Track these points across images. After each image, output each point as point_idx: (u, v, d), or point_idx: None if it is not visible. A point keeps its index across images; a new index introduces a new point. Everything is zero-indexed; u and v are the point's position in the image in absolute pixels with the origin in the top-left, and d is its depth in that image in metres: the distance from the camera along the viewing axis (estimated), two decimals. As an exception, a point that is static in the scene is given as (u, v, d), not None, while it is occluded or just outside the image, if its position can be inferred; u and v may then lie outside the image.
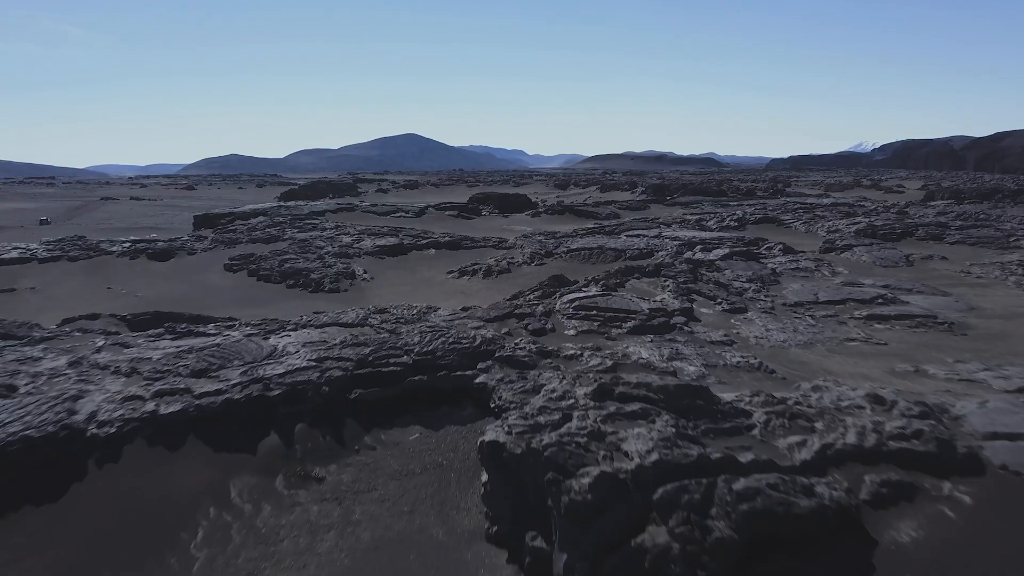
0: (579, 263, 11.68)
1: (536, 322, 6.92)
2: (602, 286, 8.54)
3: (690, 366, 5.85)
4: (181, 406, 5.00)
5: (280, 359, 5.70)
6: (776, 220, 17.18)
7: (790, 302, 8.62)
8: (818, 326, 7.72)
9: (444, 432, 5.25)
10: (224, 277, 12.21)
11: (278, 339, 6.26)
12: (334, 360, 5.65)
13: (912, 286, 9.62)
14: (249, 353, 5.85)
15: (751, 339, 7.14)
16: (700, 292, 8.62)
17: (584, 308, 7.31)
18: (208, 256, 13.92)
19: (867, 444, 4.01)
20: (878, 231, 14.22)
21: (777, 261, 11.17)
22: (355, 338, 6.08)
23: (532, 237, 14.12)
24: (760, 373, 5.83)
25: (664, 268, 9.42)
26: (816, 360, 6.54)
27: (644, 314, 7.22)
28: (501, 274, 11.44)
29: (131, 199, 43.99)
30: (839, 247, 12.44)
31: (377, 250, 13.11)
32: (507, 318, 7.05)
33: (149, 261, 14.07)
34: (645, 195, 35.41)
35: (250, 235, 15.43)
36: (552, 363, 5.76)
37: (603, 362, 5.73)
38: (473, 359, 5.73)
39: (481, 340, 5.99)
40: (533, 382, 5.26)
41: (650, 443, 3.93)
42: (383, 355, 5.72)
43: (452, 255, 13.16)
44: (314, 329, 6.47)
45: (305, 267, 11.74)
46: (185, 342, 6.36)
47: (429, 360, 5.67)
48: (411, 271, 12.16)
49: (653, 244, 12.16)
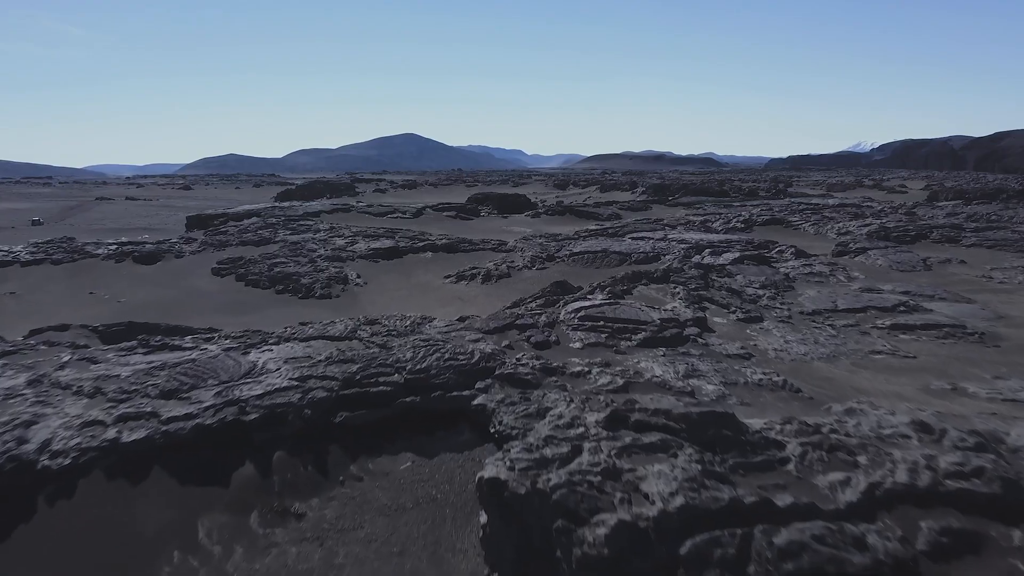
0: (582, 267, 11.17)
1: (539, 334, 6.42)
2: (608, 293, 8.04)
3: (708, 385, 5.35)
4: (146, 433, 4.49)
5: (259, 378, 5.19)
6: (784, 222, 16.68)
7: (808, 310, 8.12)
8: (840, 337, 7.22)
9: (439, 460, 4.74)
10: (211, 282, 11.70)
11: (259, 354, 5.75)
12: (318, 379, 5.14)
13: (933, 292, 9.13)
14: (226, 371, 5.34)
15: (770, 352, 6.64)
16: (712, 300, 8.12)
17: (591, 318, 6.81)
18: (196, 259, 13.40)
19: (921, 483, 3.52)
20: (891, 233, 13.73)
21: (790, 265, 10.67)
22: (342, 354, 5.57)
23: (533, 240, 13.62)
24: (785, 392, 5.33)
25: (673, 274, 8.92)
26: (843, 376, 6.04)
27: (655, 325, 6.72)
28: (501, 279, 10.94)
29: (126, 199, 43.46)
30: (852, 250, 11.94)
31: (371, 253, 12.61)
32: (508, 329, 6.55)
33: (135, 264, 13.56)
34: (646, 195, 34.93)
35: (241, 237, 14.92)
36: (558, 381, 5.26)
37: (613, 380, 5.23)
38: (471, 377, 5.23)
39: (480, 356, 5.48)
40: (537, 404, 4.76)
41: (673, 483, 3.43)
42: (372, 373, 5.21)
43: (449, 258, 12.65)
44: (298, 343, 5.96)
45: (295, 271, 11.23)
46: (158, 357, 5.85)
47: (423, 379, 5.16)
48: (406, 275, 11.66)
49: (659, 247, 11.66)
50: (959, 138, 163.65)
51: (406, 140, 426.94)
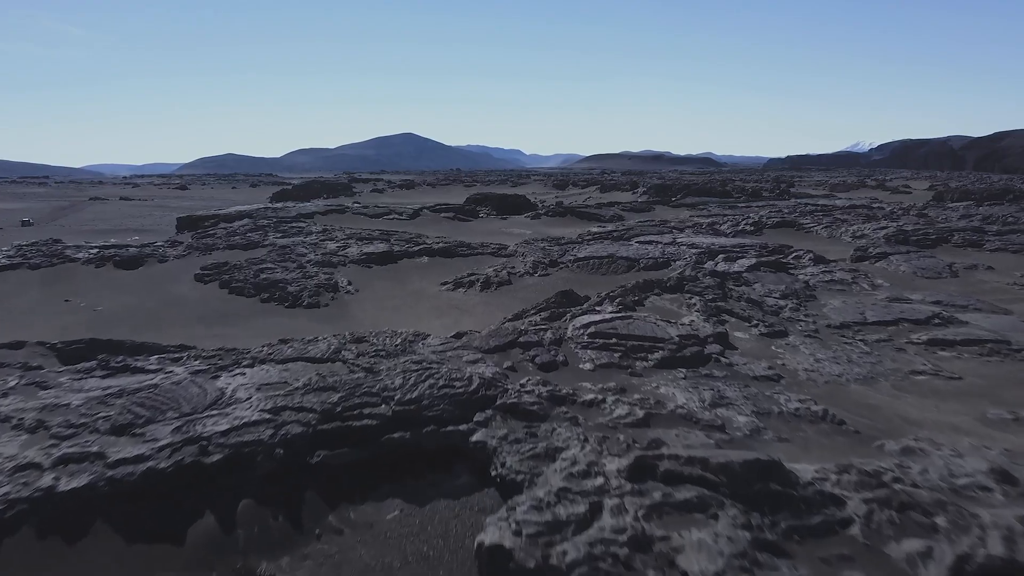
0: (587, 274, 10.52)
1: (545, 354, 5.77)
2: (619, 305, 7.39)
3: (739, 416, 4.71)
4: (89, 479, 3.83)
5: (226, 409, 4.53)
6: (795, 224, 16.03)
7: (835, 323, 7.48)
8: (874, 354, 6.58)
9: (431, 509, 4.09)
10: (193, 289, 11.02)
11: (229, 379, 5.10)
12: (293, 411, 4.49)
13: (966, 302, 8.49)
14: (189, 400, 4.68)
15: (800, 372, 6.00)
16: (732, 312, 7.48)
17: (602, 335, 6.16)
18: (180, 264, 12.73)
19: (1022, 557, 2.88)
20: (910, 237, 13.10)
21: (808, 272, 10.03)
22: (322, 379, 4.91)
23: (534, 243, 12.96)
24: (827, 425, 4.69)
25: (688, 282, 8.27)
26: (886, 402, 5.40)
27: (673, 342, 6.07)
28: (501, 286, 10.28)
29: (120, 199, 42.74)
30: (873, 255, 11.30)
31: (364, 258, 11.94)
32: (510, 348, 5.90)
33: (115, 270, 12.87)
34: (647, 196, 34.28)
35: (228, 240, 14.24)
36: (568, 413, 4.61)
37: (632, 412, 4.59)
38: (469, 408, 4.58)
39: (479, 382, 4.83)
40: (546, 442, 4.11)
41: (719, 559, 2.78)
42: (356, 404, 4.56)
43: (446, 263, 11.99)
44: (274, 366, 5.30)
45: (282, 278, 10.56)
46: (117, 381, 5.20)
47: (413, 411, 4.51)
48: (401, 282, 10.99)
49: (669, 252, 11.00)
50: (957, 138, 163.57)
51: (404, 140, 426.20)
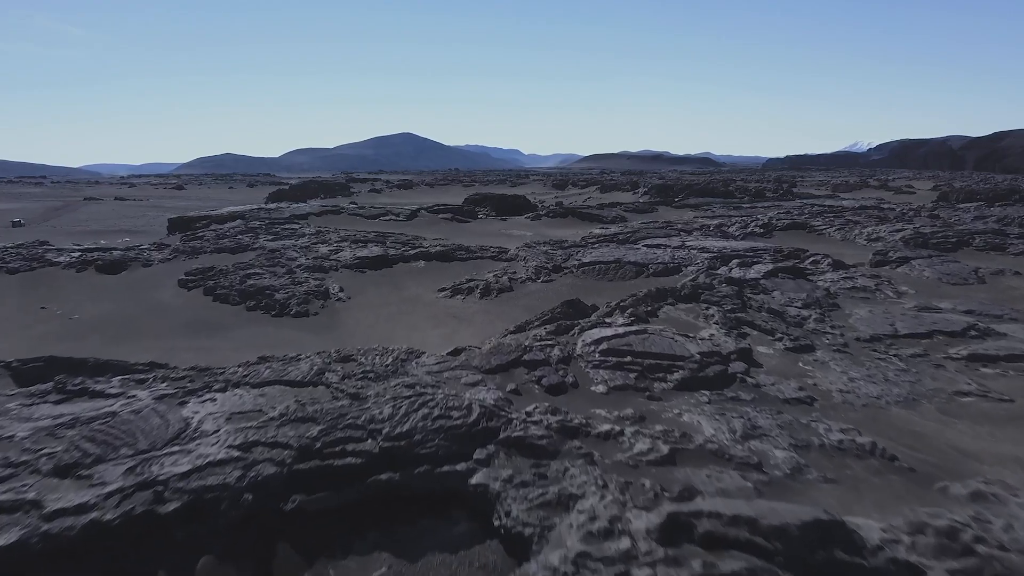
0: (594, 280, 9.95)
1: (552, 374, 5.19)
2: (630, 316, 6.81)
3: (776, 450, 4.13)
4: (19, 535, 3.24)
5: (189, 444, 3.95)
6: (806, 226, 15.46)
7: (864, 336, 6.91)
8: (911, 371, 6.01)
9: (425, 565, 3.51)
10: (176, 295, 10.44)
11: (197, 406, 4.51)
12: (267, 447, 3.91)
13: (1000, 311, 7.93)
14: (148, 433, 4.10)
15: (835, 394, 5.42)
16: (753, 324, 6.90)
17: (615, 352, 5.58)
18: (164, 269, 12.15)
19: None
20: (929, 240, 12.54)
21: (828, 279, 9.45)
22: (301, 408, 4.33)
23: (536, 247, 12.38)
24: (876, 461, 4.11)
25: (704, 291, 7.70)
26: (934, 430, 4.83)
27: (694, 361, 5.49)
28: (501, 293, 9.71)
29: (115, 199, 42.12)
30: (893, 260, 10.74)
31: (357, 262, 11.36)
32: (513, 367, 5.32)
33: (97, 274, 12.29)
34: (649, 196, 33.74)
35: (216, 243, 13.65)
36: (581, 448, 4.03)
37: (655, 447, 4.01)
38: (468, 443, 4.00)
39: (480, 412, 4.25)
40: (557, 487, 3.54)
41: (784, 662, 2.21)
42: (339, 439, 3.98)
43: (444, 268, 11.42)
44: (249, 390, 4.72)
45: (270, 284, 9.98)
46: (72, 408, 4.61)
47: (404, 447, 3.93)
48: (396, 288, 10.41)
49: (679, 257, 10.43)
50: (956, 138, 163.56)
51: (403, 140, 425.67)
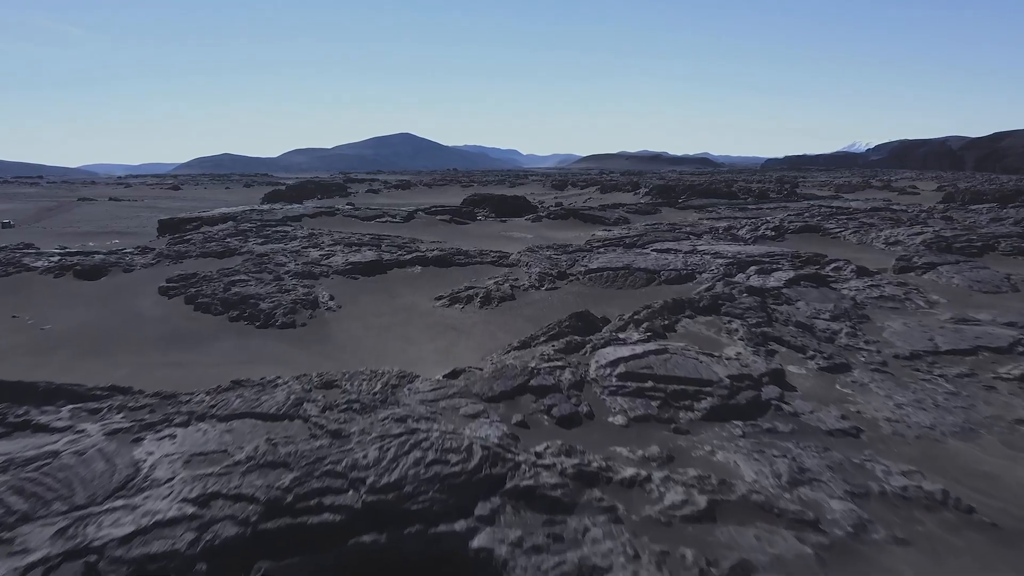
0: (602, 288, 9.32)
1: (564, 402, 4.56)
2: (646, 331, 6.18)
3: (832, 499, 3.51)
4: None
5: (136, 497, 3.31)
6: (820, 229, 14.84)
7: (903, 353, 6.29)
8: (961, 395, 5.39)
9: (415, 653, 2.89)
10: (156, 303, 9.79)
11: (153, 444, 3.87)
12: (228, 500, 3.27)
13: (1044, 323, 7.31)
14: (89, 482, 3.46)
15: (882, 423, 4.80)
16: (781, 339, 6.28)
17: (634, 376, 4.95)
18: (146, 275, 11.49)
19: None
20: (952, 244, 11.94)
21: (853, 287, 8.83)
22: (273, 449, 3.69)
23: (539, 251, 11.74)
24: (951, 514, 3.49)
25: (724, 302, 7.07)
26: (1004, 469, 4.20)
27: (723, 386, 4.87)
28: (503, 302, 9.08)
29: (109, 200, 41.47)
30: (918, 265, 10.12)
31: (349, 268, 10.72)
32: (519, 394, 4.69)
33: (75, 280, 11.63)
34: (650, 197, 33.12)
35: (203, 247, 13.00)
36: (603, 500, 3.40)
37: (690, 498, 3.38)
38: (468, 495, 3.36)
39: (482, 455, 3.61)
40: (577, 554, 2.91)
41: None
42: (314, 489, 3.34)
43: (442, 274, 10.78)
44: (215, 425, 4.08)
45: (255, 292, 9.33)
46: (8, 447, 3.96)
47: (392, 500, 3.29)
48: (390, 296, 9.77)
49: (692, 263, 9.80)
50: (956, 138, 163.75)
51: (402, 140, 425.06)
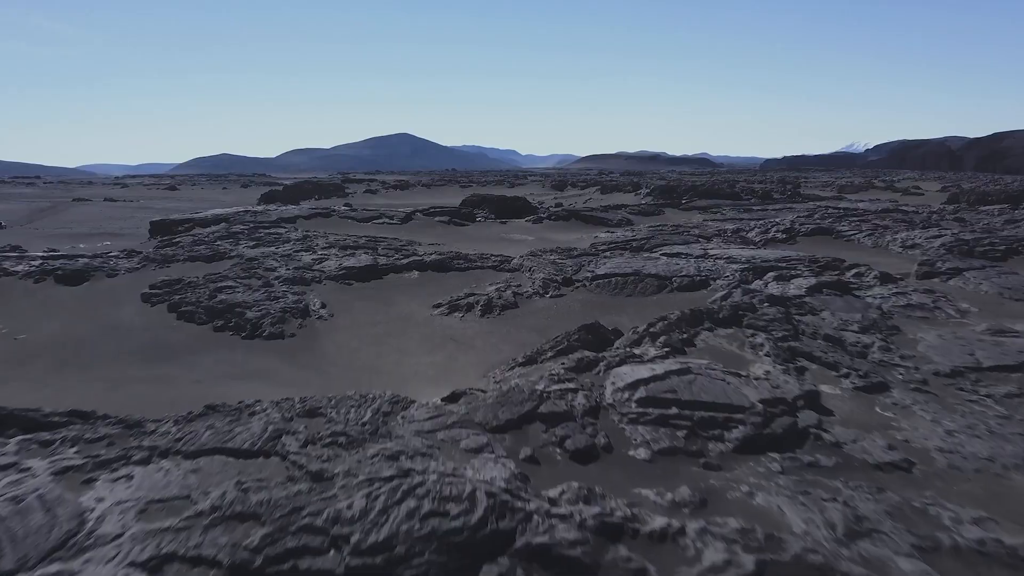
0: (610, 295, 8.79)
1: (578, 432, 4.03)
2: (663, 345, 5.65)
3: (899, 557, 2.98)
4: None
5: (75, 561, 2.77)
6: (832, 231, 14.31)
7: (943, 370, 5.77)
8: (1015, 419, 4.87)
9: None
10: (138, 312, 9.25)
11: (105, 488, 3.34)
12: (186, 564, 2.73)
13: (1088, 335, 6.80)
14: (21, 540, 2.92)
15: (934, 454, 4.28)
16: (811, 355, 5.75)
17: (655, 401, 4.42)
18: (130, 280, 10.95)
19: None
20: (974, 248, 11.44)
21: (877, 294, 8.30)
22: (243, 496, 3.16)
23: (542, 256, 11.22)
24: (1041, 576, 2.97)
25: (745, 312, 6.54)
26: (1084, 512, 3.69)
27: (756, 412, 4.34)
28: (505, 310, 8.55)
29: (104, 200, 40.97)
30: (943, 271, 9.60)
31: (343, 273, 10.18)
32: (528, 422, 4.16)
33: (56, 286, 11.08)
34: (652, 198, 32.62)
35: (191, 251, 12.46)
36: (631, 562, 2.87)
37: (733, 559, 2.85)
38: (471, 556, 2.83)
39: (487, 505, 3.08)
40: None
41: None
42: (288, 550, 2.81)
43: (440, 280, 10.25)
44: (179, 463, 3.54)
45: (243, 300, 8.79)
46: (-62, 488, 3.44)
47: (381, 565, 2.75)
48: (385, 303, 9.24)
49: (705, 268, 9.27)
50: (954, 139, 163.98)
51: (400, 140, 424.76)
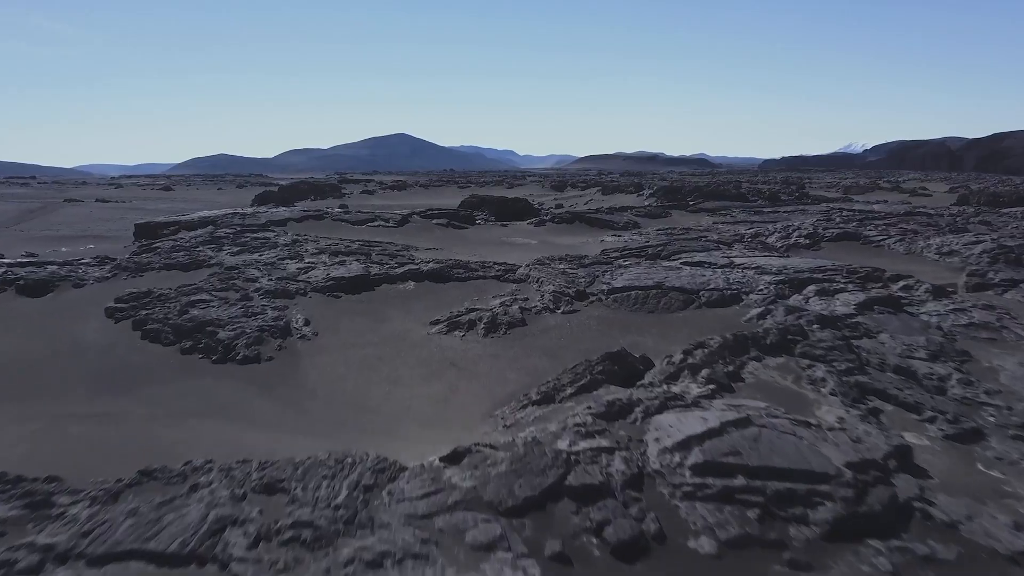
0: (630, 312, 7.82)
1: (621, 516, 3.07)
2: (706, 381, 4.69)
3: None
4: None
5: None
6: (859, 236, 13.33)
7: (1041, 409, 4.82)
8: None
9: None
10: (100, 329, 8.25)
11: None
12: None
13: None
14: None
15: (1073, 535, 3.33)
16: (885, 392, 4.80)
17: (716, 468, 3.45)
18: (96, 291, 9.95)
19: None
20: (1022, 256, 10.49)
21: (932, 311, 7.34)
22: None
23: (550, 264, 10.22)
24: None
25: (796, 338, 5.58)
26: None
27: (844, 481, 3.37)
28: (512, 328, 7.58)
29: (96, 201, 39.94)
30: (996, 283, 8.65)
31: (331, 284, 9.20)
32: (553, 501, 3.19)
33: (17, 297, 10.06)
34: (656, 199, 31.66)
35: (169, 257, 11.47)
36: None
37: None
38: None
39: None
40: None
41: None
42: None
43: (438, 291, 9.27)
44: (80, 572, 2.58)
45: (216, 317, 7.81)
46: None
47: None
48: (377, 319, 8.26)
49: (734, 280, 8.29)
50: (953, 139, 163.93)
51: (398, 140, 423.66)
